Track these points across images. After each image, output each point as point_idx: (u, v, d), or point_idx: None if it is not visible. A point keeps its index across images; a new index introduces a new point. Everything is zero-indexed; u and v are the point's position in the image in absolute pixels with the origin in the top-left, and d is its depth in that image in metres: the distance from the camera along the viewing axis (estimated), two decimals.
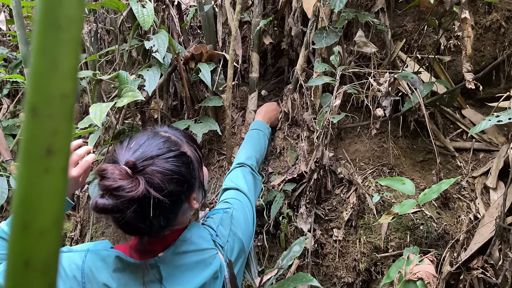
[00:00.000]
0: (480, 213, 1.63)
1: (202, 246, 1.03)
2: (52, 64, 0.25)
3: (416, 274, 1.33)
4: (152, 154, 0.93)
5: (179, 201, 0.99)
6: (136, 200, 0.87)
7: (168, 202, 0.91)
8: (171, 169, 0.93)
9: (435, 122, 1.90)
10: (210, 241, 1.05)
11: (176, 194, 0.94)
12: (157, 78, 1.80)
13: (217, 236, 1.07)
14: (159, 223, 0.94)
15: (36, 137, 0.25)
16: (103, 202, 0.86)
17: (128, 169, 0.89)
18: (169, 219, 0.98)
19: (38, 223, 0.25)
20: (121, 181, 0.86)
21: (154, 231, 0.97)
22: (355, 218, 1.74)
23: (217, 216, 1.13)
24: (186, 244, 1.02)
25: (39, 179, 0.25)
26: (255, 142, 1.67)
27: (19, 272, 0.24)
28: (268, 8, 2.18)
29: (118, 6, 1.81)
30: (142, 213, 0.89)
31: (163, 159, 0.93)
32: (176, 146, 0.99)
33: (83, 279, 0.98)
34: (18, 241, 0.25)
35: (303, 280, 1.39)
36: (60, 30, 0.25)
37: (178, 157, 0.96)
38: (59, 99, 0.25)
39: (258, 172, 1.52)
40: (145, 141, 0.96)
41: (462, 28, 1.53)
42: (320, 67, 1.75)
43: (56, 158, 0.25)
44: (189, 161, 1.00)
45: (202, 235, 1.05)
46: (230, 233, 1.10)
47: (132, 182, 0.87)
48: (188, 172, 0.99)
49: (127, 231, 0.97)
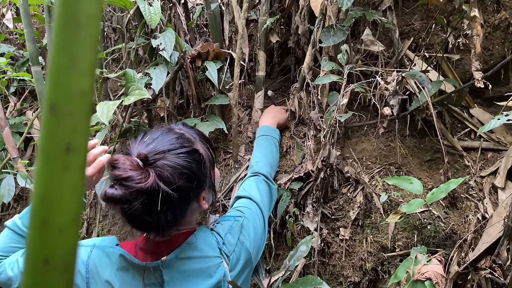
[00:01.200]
0: (488, 213, 1.62)
1: (207, 253, 1.01)
2: (71, 61, 0.25)
3: (424, 274, 1.32)
4: (164, 148, 0.94)
5: (188, 198, 0.98)
6: (144, 192, 0.87)
7: (177, 197, 0.91)
8: (182, 164, 0.93)
9: (443, 121, 1.89)
10: (216, 249, 1.03)
11: (185, 190, 0.94)
12: (163, 76, 1.80)
13: (223, 244, 1.05)
14: (166, 219, 0.93)
15: (55, 134, 0.25)
16: (111, 191, 0.87)
17: (140, 161, 0.89)
18: (176, 216, 0.97)
19: (58, 220, 0.25)
20: (131, 171, 0.87)
21: (161, 227, 0.96)
22: (362, 217, 1.73)
23: (227, 223, 1.11)
24: (191, 250, 1.00)
25: (58, 176, 0.25)
26: (265, 150, 1.60)
27: (38, 271, 0.24)
28: (275, 6, 2.18)
29: (125, 4, 1.81)
30: (150, 206, 0.89)
31: (175, 154, 0.94)
32: (189, 143, 0.99)
33: (87, 274, 0.98)
34: (38, 239, 0.24)
35: (313, 283, 1.38)
36: (79, 27, 0.25)
37: (190, 153, 0.96)
38: (78, 96, 0.25)
39: (273, 180, 1.48)
40: (158, 136, 0.97)
41: (471, 26, 1.52)
42: (327, 65, 1.74)
43: (75, 155, 0.25)
44: (201, 159, 1.00)
45: (208, 242, 1.03)
46: (238, 242, 1.07)
47: (142, 174, 0.88)
48: (199, 170, 0.98)
49: (134, 224, 0.97)
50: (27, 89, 2.96)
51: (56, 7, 0.25)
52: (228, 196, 1.99)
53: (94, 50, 0.26)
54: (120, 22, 2.23)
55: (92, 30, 0.26)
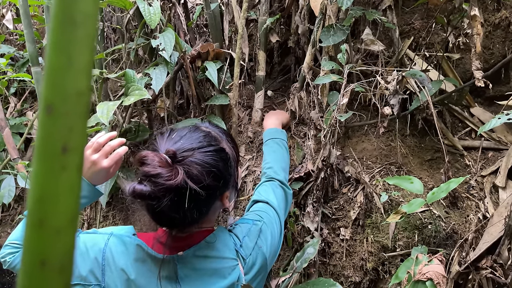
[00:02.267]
0: (489, 212, 1.62)
1: (224, 254, 1.01)
2: (67, 60, 0.25)
3: (425, 274, 1.32)
4: (192, 146, 0.94)
5: (214, 196, 0.98)
6: (173, 189, 0.87)
7: (204, 195, 0.91)
8: (210, 163, 0.93)
9: (443, 121, 1.88)
10: (233, 250, 1.02)
11: (212, 188, 0.94)
12: (163, 76, 1.79)
13: (241, 247, 1.04)
14: (192, 216, 0.94)
15: (51, 134, 0.24)
16: (141, 188, 0.86)
17: (168, 158, 0.90)
18: (201, 213, 0.97)
19: (54, 221, 0.24)
20: (161, 168, 0.87)
21: (186, 224, 0.97)
22: (362, 217, 1.73)
23: (245, 226, 1.10)
24: (209, 249, 1.00)
25: (55, 177, 0.24)
26: (276, 154, 1.55)
27: (35, 272, 0.24)
28: (274, 6, 2.18)
29: (124, 5, 1.80)
30: (177, 203, 0.89)
31: (203, 152, 0.94)
32: (216, 141, 0.99)
33: (103, 261, 0.98)
34: (34, 240, 0.24)
35: (325, 284, 1.38)
36: (76, 26, 0.25)
37: (217, 152, 0.97)
38: (74, 96, 0.25)
39: (287, 184, 1.44)
40: (186, 133, 0.97)
41: (472, 25, 1.51)
42: (327, 65, 1.74)
43: (72, 155, 0.25)
44: (227, 158, 1.00)
45: (226, 243, 1.03)
46: (256, 246, 1.06)
47: (171, 171, 0.88)
48: (225, 169, 0.99)
49: (159, 221, 0.97)
50: (27, 90, 2.96)
51: (53, 6, 0.25)
52: None
53: (91, 49, 0.26)
54: (120, 23, 2.23)
55: (89, 29, 0.26)
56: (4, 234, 2.63)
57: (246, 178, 1.99)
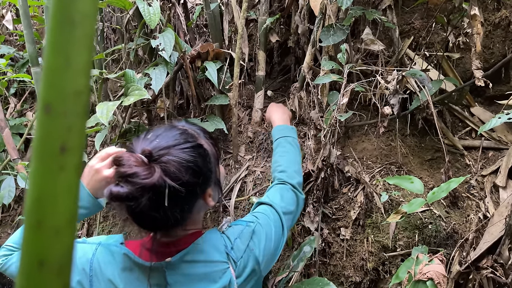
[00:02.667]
0: (489, 212, 1.62)
1: (214, 257, 0.98)
2: (65, 60, 0.25)
3: (425, 274, 1.32)
4: (168, 144, 0.92)
5: (195, 194, 0.97)
6: (151, 188, 0.85)
7: (183, 192, 0.89)
8: (187, 159, 0.92)
9: (444, 120, 1.88)
10: (223, 253, 1.00)
11: (191, 185, 0.92)
12: (163, 76, 1.79)
13: (232, 249, 1.01)
14: (174, 216, 0.92)
15: (50, 134, 0.24)
16: (117, 189, 0.85)
17: (144, 158, 0.88)
18: (183, 213, 0.95)
19: (53, 221, 0.24)
20: (136, 167, 0.86)
21: (170, 225, 0.95)
22: (362, 217, 1.73)
23: (238, 227, 1.07)
24: (197, 253, 0.97)
25: (53, 177, 0.24)
26: (289, 155, 1.42)
27: (33, 272, 0.24)
28: (274, 6, 2.18)
29: (124, 5, 1.80)
30: (157, 202, 0.87)
31: (180, 149, 0.92)
32: (193, 138, 0.98)
33: (90, 272, 0.97)
34: (32, 240, 0.24)
35: (320, 284, 1.37)
36: (74, 26, 0.25)
37: (194, 148, 0.95)
38: (73, 96, 0.25)
39: (300, 187, 1.34)
40: (161, 133, 0.96)
41: (472, 25, 1.51)
42: (327, 65, 1.74)
43: (70, 155, 0.25)
44: (206, 154, 0.98)
45: (216, 245, 1.00)
46: (247, 249, 1.03)
47: (147, 169, 0.86)
48: (205, 165, 0.97)
49: (141, 223, 0.95)
50: (27, 90, 2.96)
51: (51, 5, 0.25)
52: (228, 197, 1.99)
53: (89, 49, 0.26)
54: (120, 23, 2.23)
55: (87, 29, 0.25)
56: (4, 235, 2.63)
57: (246, 178, 1.99)
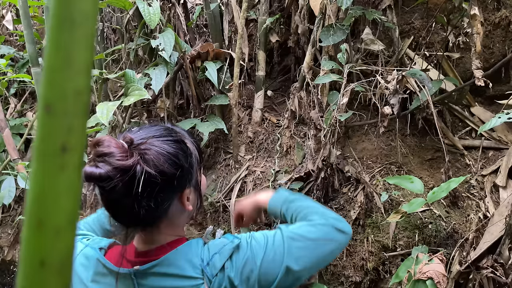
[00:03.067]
0: (489, 211, 1.62)
1: (186, 272, 0.92)
2: (66, 60, 0.25)
3: (425, 274, 1.32)
4: (150, 135, 0.92)
5: (172, 189, 0.94)
6: (126, 170, 0.83)
7: (159, 181, 0.88)
8: (167, 149, 0.90)
9: (444, 120, 1.88)
10: (197, 268, 0.93)
11: (169, 177, 0.90)
12: (163, 76, 1.79)
13: (207, 265, 0.93)
14: (149, 208, 0.90)
15: (50, 134, 0.24)
16: (91, 169, 0.82)
17: (125, 143, 0.88)
18: (158, 207, 0.92)
19: (54, 221, 0.24)
20: (115, 148, 0.84)
21: (143, 221, 0.92)
22: (362, 217, 1.73)
23: (221, 241, 0.98)
24: (169, 265, 0.92)
25: (54, 176, 0.24)
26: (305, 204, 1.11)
27: (34, 272, 0.24)
28: (274, 6, 2.18)
29: (124, 5, 1.80)
30: (131, 189, 0.86)
31: (161, 140, 0.91)
32: (177, 134, 0.97)
33: (73, 272, 0.97)
34: (33, 240, 0.24)
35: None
36: (74, 26, 0.25)
37: (176, 142, 0.94)
38: (73, 96, 0.25)
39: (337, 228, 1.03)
40: (145, 127, 0.96)
41: (472, 24, 1.51)
42: (327, 65, 1.74)
43: (71, 155, 0.25)
44: (188, 151, 0.96)
45: (191, 259, 0.94)
46: (223, 268, 0.93)
47: (125, 153, 0.85)
48: (185, 160, 0.94)
49: (114, 212, 0.92)
50: (27, 91, 2.96)
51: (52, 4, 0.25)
52: (228, 196, 1.99)
53: (90, 49, 0.26)
54: (120, 23, 2.23)
55: (88, 29, 0.25)
56: (4, 235, 2.63)
57: (246, 178, 1.99)
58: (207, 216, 2.02)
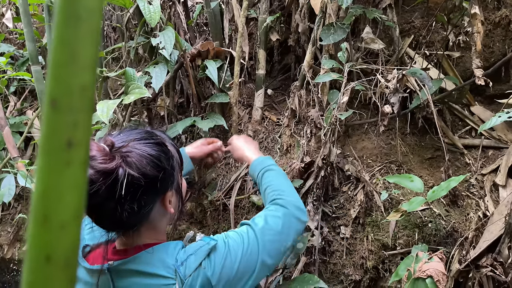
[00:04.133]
0: (489, 210, 1.62)
1: (158, 271, 0.92)
2: (71, 55, 0.25)
3: (425, 272, 1.32)
4: (131, 138, 0.92)
5: (154, 191, 0.94)
6: (109, 173, 0.83)
7: (142, 184, 0.88)
8: (149, 152, 0.91)
9: (444, 119, 1.88)
10: (169, 269, 0.93)
11: (151, 178, 0.90)
12: (163, 75, 1.79)
13: (181, 265, 0.94)
14: (132, 209, 0.90)
15: (56, 129, 0.24)
16: None
17: (106, 147, 0.88)
18: (141, 209, 0.92)
19: (59, 216, 0.24)
20: (96, 152, 0.84)
21: (125, 224, 0.93)
22: (362, 216, 1.73)
23: (198, 243, 0.99)
24: (141, 264, 0.92)
25: (59, 172, 0.24)
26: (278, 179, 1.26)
27: (40, 267, 0.24)
28: (275, 5, 2.18)
29: (124, 3, 1.80)
30: (113, 191, 0.86)
31: (143, 143, 0.92)
32: (157, 137, 0.97)
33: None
34: (39, 235, 0.24)
35: (310, 281, 1.38)
36: (80, 21, 0.25)
37: (158, 144, 0.94)
38: (79, 91, 0.25)
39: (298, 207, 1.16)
40: (125, 130, 0.96)
41: (472, 24, 1.51)
42: (328, 63, 1.74)
43: (77, 150, 0.25)
44: (169, 153, 0.97)
45: (164, 260, 0.94)
46: (199, 267, 0.93)
47: (107, 156, 0.85)
48: (167, 163, 0.95)
49: (97, 217, 0.92)
50: (27, 89, 2.96)
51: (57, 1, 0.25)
52: (228, 195, 1.99)
53: (95, 44, 0.26)
54: (120, 21, 2.22)
55: (93, 25, 0.25)
56: (4, 233, 2.63)
57: (246, 177, 1.99)
58: (207, 214, 2.02)
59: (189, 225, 2.05)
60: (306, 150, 1.86)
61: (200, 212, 2.04)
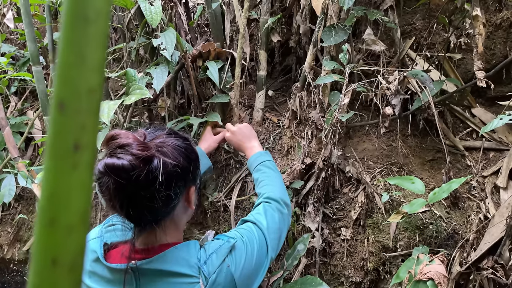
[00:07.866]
0: (490, 212, 1.62)
1: (181, 270, 0.94)
2: (79, 58, 0.25)
3: (426, 274, 1.32)
4: (161, 133, 0.97)
5: (185, 179, 0.97)
6: (147, 160, 0.86)
7: (176, 173, 0.90)
8: (180, 145, 0.95)
9: (445, 121, 1.88)
10: (194, 267, 0.95)
11: (183, 170, 0.94)
12: (164, 76, 1.79)
13: (204, 264, 0.96)
14: (166, 197, 0.91)
15: (63, 132, 0.24)
16: (112, 160, 0.84)
17: (140, 137, 0.91)
18: (169, 202, 0.94)
19: (66, 219, 0.24)
20: (133, 140, 0.87)
21: (158, 212, 0.93)
22: (363, 217, 1.73)
23: (217, 242, 1.03)
24: (164, 263, 0.94)
25: (66, 175, 0.24)
26: (271, 176, 1.40)
27: (46, 270, 0.24)
28: (276, 6, 2.18)
29: (126, 4, 1.80)
30: (151, 179, 0.87)
31: (172, 137, 0.97)
32: (182, 134, 1.03)
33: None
34: (45, 238, 0.24)
35: (312, 284, 1.37)
36: (88, 23, 0.25)
37: (185, 139, 1.01)
38: (86, 94, 0.25)
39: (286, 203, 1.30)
40: (152, 128, 1.02)
41: (474, 25, 1.51)
42: (329, 65, 1.74)
43: (84, 153, 0.25)
44: (194, 150, 1.02)
45: (187, 258, 0.96)
46: (222, 264, 0.97)
47: (143, 144, 0.88)
48: (194, 157, 1.00)
49: (128, 207, 0.92)
50: (28, 89, 2.95)
51: (65, 2, 0.25)
52: (229, 196, 1.99)
53: (103, 46, 0.26)
54: (121, 22, 2.22)
55: (101, 27, 0.25)
56: (4, 233, 2.63)
57: (247, 178, 1.99)
58: (207, 216, 2.02)
59: (189, 226, 2.05)
60: (307, 152, 1.86)
61: (201, 213, 2.04)
